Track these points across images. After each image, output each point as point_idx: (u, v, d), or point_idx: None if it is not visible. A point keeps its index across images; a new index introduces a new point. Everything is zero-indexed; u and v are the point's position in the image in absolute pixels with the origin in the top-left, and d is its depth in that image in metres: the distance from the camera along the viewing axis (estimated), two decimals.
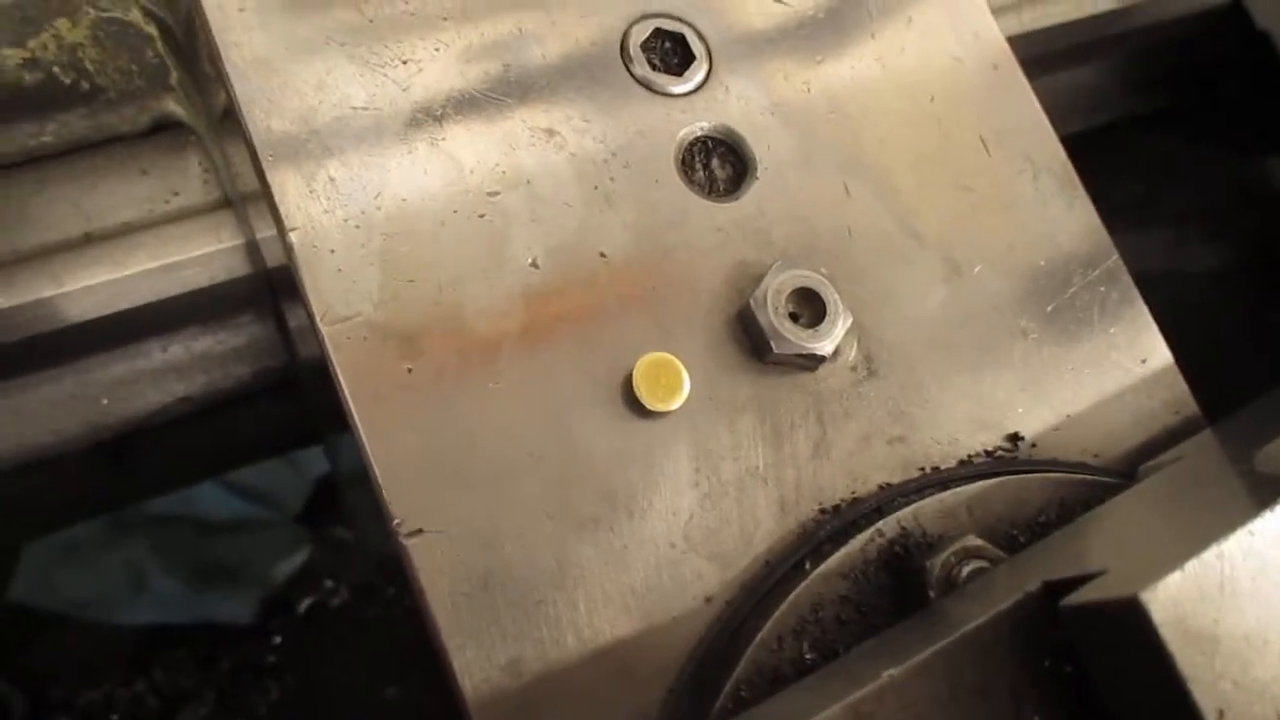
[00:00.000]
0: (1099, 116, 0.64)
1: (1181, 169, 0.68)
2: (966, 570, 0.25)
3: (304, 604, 1.06)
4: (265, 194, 0.28)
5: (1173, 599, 0.18)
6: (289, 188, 0.28)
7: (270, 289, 0.41)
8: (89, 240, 0.38)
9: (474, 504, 0.26)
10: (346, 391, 0.26)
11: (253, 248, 0.38)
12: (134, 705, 1.01)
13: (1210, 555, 0.18)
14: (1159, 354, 0.33)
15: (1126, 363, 0.32)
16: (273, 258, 0.37)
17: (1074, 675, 0.20)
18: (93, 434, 0.47)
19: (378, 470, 0.26)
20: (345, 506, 1.02)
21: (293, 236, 0.27)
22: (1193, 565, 0.18)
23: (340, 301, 0.27)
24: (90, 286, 0.37)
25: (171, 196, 0.40)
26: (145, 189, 0.39)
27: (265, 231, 0.37)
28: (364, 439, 0.26)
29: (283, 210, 0.27)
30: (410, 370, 0.27)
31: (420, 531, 0.26)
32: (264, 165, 0.28)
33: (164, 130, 0.39)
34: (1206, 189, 0.69)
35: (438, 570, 0.26)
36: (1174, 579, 0.18)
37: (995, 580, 0.23)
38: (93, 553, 1.02)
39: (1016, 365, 0.31)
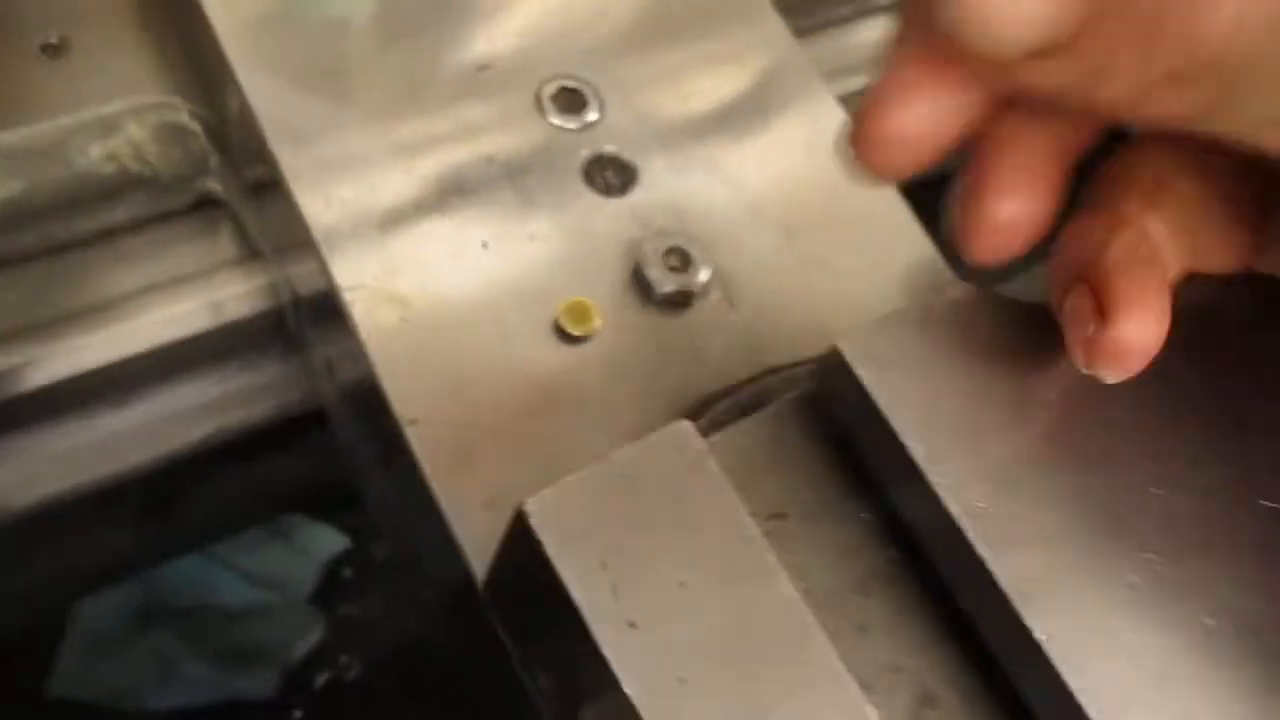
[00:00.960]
0: None
1: None
2: None
3: (321, 679, 1.15)
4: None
5: (860, 341, 0.29)
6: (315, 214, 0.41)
7: (296, 324, 0.53)
8: (150, 289, 0.51)
9: (454, 405, 0.38)
10: (361, 333, 0.38)
11: (280, 285, 0.51)
12: None
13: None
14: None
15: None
16: (299, 286, 0.49)
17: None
18: (146, 468, 0.58)
19: (387, 389, 0.38)
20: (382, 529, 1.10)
21: (320, 242, 0.40)
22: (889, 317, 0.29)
23: (353, 277, 0.40)
24: (150, 320, 0.49)
25: (209, 255, 0.52)
26: (193, 249, 0.52)
27: (291, 268, 0.49)
28: (372, 357, 0.38)
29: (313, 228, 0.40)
30: (403, 319, 0.39)
31: (415, 421, 0.37)
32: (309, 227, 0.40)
33: (205, 205, 0.52)
34: None
35: (428, 447, 0.37)
36: (869, 327, 0.29)
37: None
38: (123, 646, 1.11)
39: (833, 296, 0.43)
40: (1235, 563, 0.30)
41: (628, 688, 0.24)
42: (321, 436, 0.72)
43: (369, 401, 0.40)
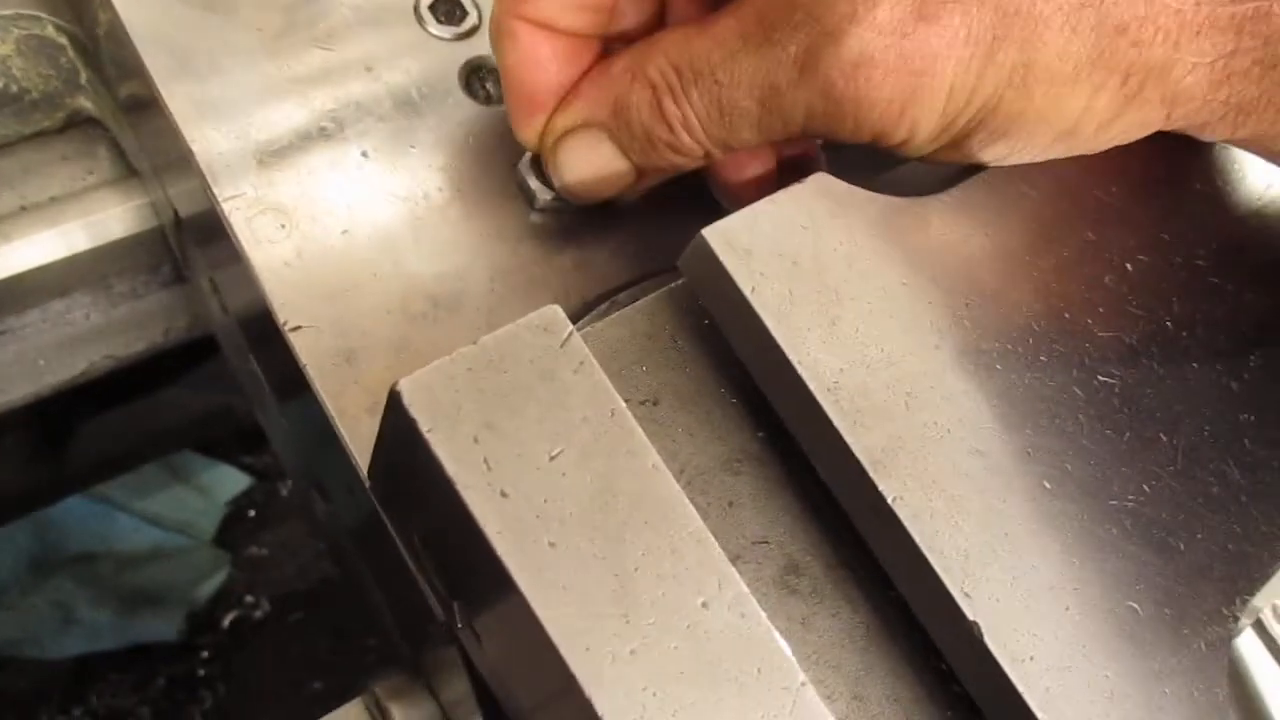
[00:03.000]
0: None
1: None
2: None
3: (228, 618, 1.14)
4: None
5: (722, 230, 0.31)
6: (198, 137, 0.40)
7: (178, 245, 0.52)
8: (25, 210, 0.49)
9: (337, 311, 0.38)
10: (241, 243, 0.38)
11: (160, 205, 0.50)
12: None
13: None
14: None
15: None
16: (179, 205, 0.48)
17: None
18: (34, 395, 0.57)
19: (268, 293, 0.38)
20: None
21: (194, 148, 0.40)
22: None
23: (232, 188, 0.39)
24: (30, 240, 0.48)
25: (87, 175, 0.51)
26: (67, 170, 0.51)
27: (170, 187, 0.48)
28: (253, 266, 0.38)
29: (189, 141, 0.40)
30: (283, 227, 0.39)
31: (299, 328, 0.38)
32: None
33: (78, 124, 0.51)
34: None
35: (311, 352, 0.38)
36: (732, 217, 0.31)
37: None
38: (19, 595, 1.09)
39: None
40: (1072, 431, 0.32)
41: (500, 553, 0.25)
42: (213, 367, 0.71)
43: (257, 321, 0.41)
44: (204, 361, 0.71)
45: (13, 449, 0.68)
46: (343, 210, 0.40)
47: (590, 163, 0.38)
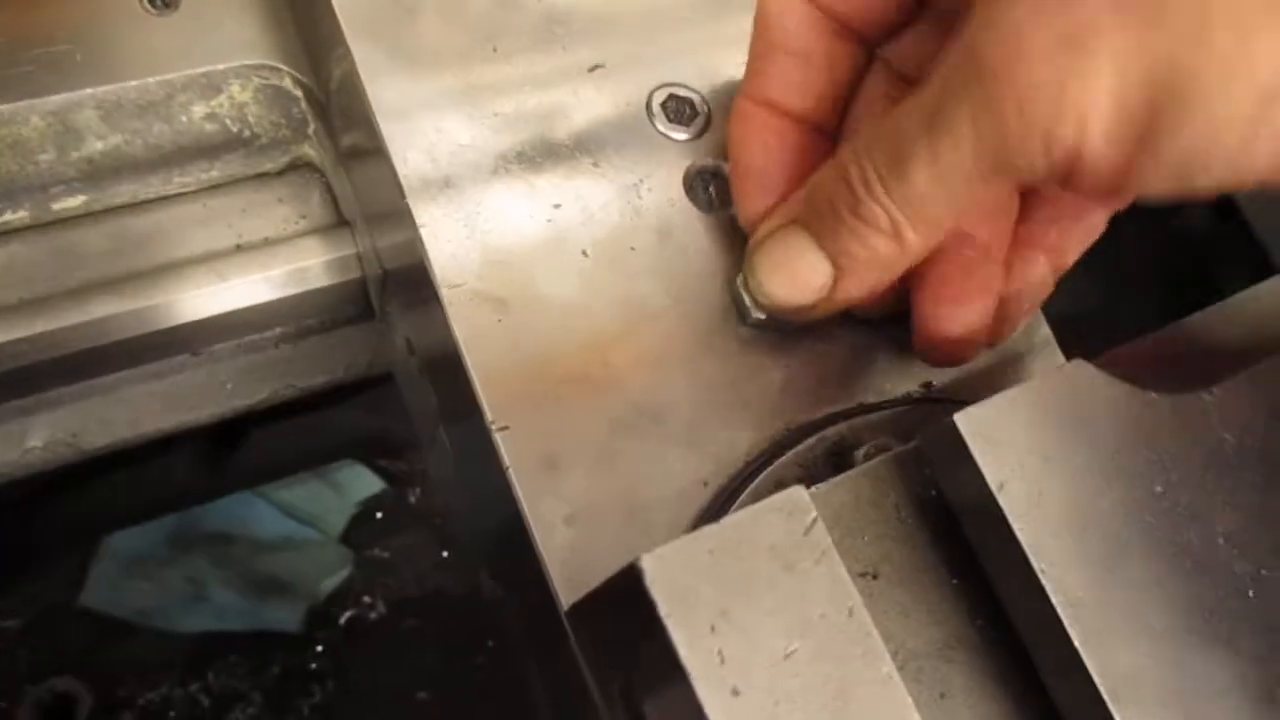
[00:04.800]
0: None
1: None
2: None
3: (345, 616, 1.17)
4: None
5: (976, 419, 0.29)
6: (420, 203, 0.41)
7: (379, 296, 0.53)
8: (240, 250, 0.51)
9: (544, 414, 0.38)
10: (457, 333, 0.39)
11: (365, 257, 0.51)
12: (189, 705, 1.11)
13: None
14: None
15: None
16: (387, 261, 0.49)
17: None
18: (218, 416, 0.59)
19: (479, 389, 0.38)
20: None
21: (423, 231, 0.40)
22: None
23: (454, 274, 0.40)
24: (243, 280, 0.49)
25: (300, 219, 0.52)
26: (282, 212, 0.52)
27: (381, 242, 0.49)
28: (467, 360, 0.38)
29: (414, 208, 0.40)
30: (499, 320, 0.39)
31: (506, 428, 0.38)
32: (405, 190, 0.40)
33: (297, 169, 0.52)
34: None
35: (516, 454, 0.38)
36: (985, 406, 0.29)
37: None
38: (156, 567, 1.13)
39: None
40: None
41: None
42: (381, 392, 0.72)
43: (458, 399, 0.41)
44: (371, 387, 0.73)
45: (186, 452, 0.70)
46: (560, 308, 0.40)
47: (786, 259, 0.37)
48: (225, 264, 0.50)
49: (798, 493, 0.27)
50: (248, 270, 0.50)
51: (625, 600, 0.27)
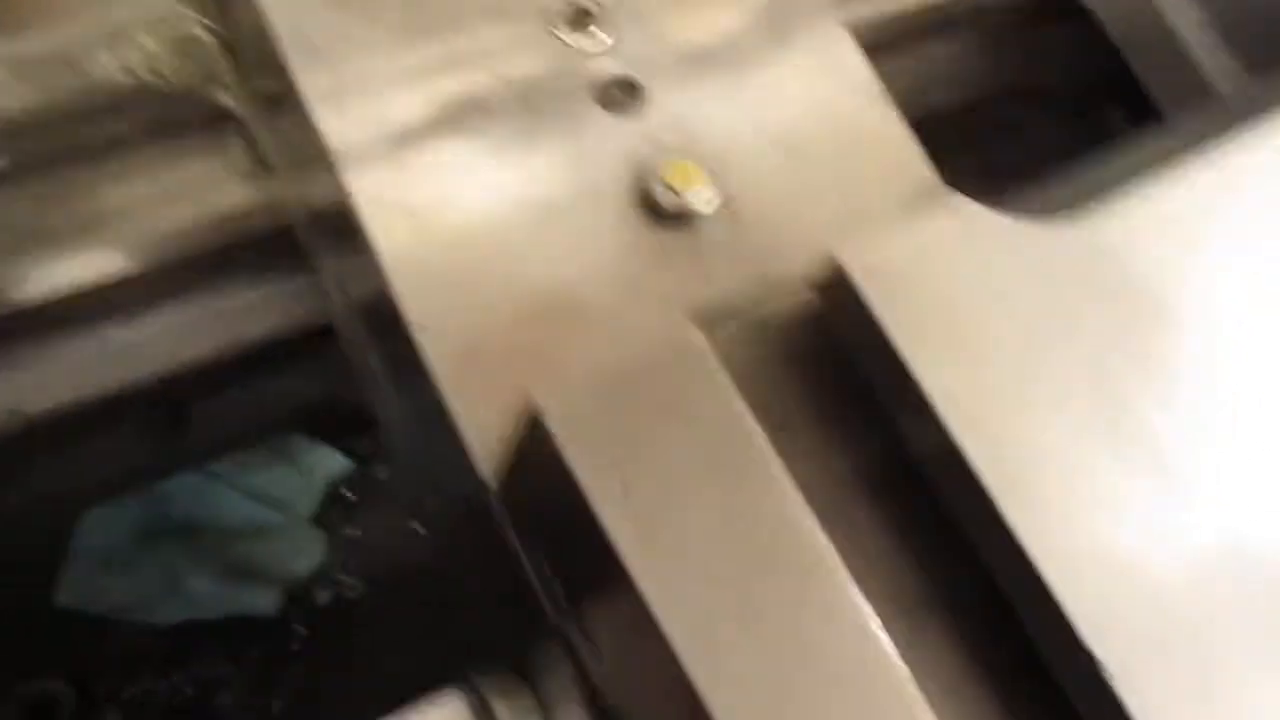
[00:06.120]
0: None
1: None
2: None
3: (323, 597, 1.17)
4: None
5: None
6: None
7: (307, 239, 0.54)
8: (163, 200, 0.51)
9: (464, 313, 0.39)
10: (375, 244, 0.39)
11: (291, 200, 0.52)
12: (172, 694, 1.11)
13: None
14: None
15: None
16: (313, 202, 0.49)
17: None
18: (155, 379, 0.59)
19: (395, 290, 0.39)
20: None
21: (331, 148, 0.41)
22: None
23: (368, 190, 0.40)
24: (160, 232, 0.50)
25: (221, 168, 0.53)
26: (202, 162, 0.52)
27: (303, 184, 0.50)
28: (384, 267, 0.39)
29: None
30: (415, 230, 0.40)
31: (426, 328, 0.39)
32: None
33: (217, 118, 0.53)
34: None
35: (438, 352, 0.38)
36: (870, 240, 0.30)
37: None
38: (129, 562, 1.13)
39: (833, 215, 0.44)
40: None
41: (636, 578, 0.25)
42: (329, 356, 0.73)
43: (381, 314, 0.41)
44: (312, 353, 0.73)
45: (137, 427, 0.70)
46: (472, 214, 0.41)
47: None
48: (151, 216, 0.50)
49: (693, 335, 0.28)
50: (176, 221, 0.51)
51: (533, 450, 0.27)
